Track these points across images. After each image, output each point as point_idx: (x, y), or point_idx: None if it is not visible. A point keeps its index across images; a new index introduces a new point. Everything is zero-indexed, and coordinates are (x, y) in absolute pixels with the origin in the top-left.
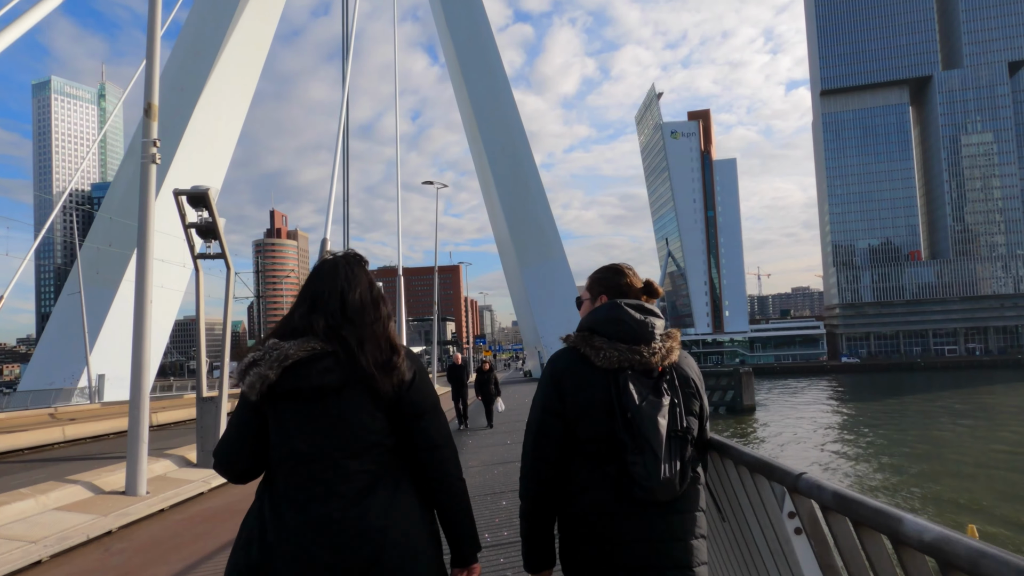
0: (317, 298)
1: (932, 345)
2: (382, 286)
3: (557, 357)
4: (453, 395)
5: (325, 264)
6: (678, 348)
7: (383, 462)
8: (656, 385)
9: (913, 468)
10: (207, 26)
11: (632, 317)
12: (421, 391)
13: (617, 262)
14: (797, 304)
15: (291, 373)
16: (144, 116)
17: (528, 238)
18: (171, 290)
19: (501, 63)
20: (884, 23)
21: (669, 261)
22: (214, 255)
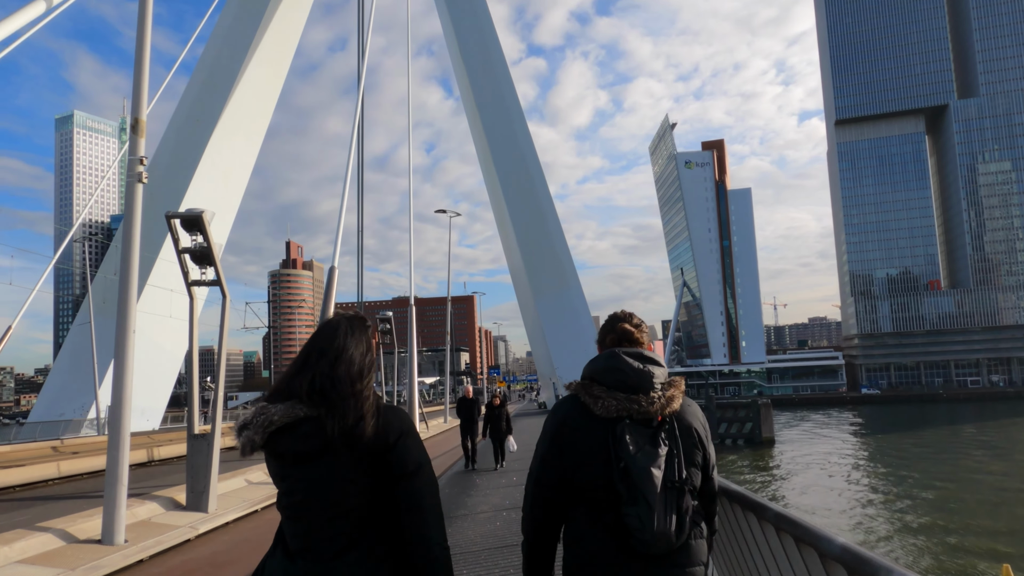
0: (309, 358)
1: (954, 376)
2: (391, 315)
3: (559, 405)
4: (462, 432)
5: (327, 325)
6: (680, 397)
7: (361, 525)
8: (654, 435)
9: (944, 506)
10: (223, 59)
11: (630, 366)
12: (406, 451)
13: (620, 310)
14: (814, 334)
15: (274, 439)
16: (131, 132)
17: (543, 268)
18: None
19: (515, 95)
20: (898, 52)
21: (684, 291)
22: (209, 282)
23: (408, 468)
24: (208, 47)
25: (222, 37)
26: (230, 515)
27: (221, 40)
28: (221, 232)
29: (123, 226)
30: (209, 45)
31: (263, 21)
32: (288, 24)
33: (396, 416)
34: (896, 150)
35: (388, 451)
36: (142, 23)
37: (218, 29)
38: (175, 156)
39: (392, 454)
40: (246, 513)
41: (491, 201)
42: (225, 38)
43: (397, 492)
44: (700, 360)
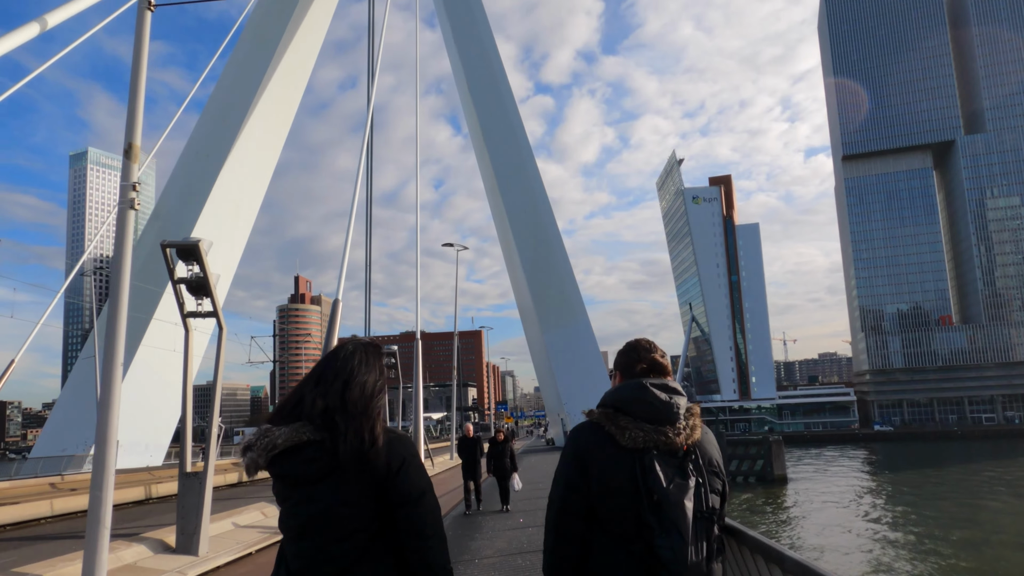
0: (322, 379)
1: (968, 413)
2: (397, 349)
3: (580, 432)
4: (464, 473)
5: (340, 348)
6: (700, 426)
7: (364, 548)
8: (682, 466)
9: (967, 548)
10: (234, 96)
11: (658, 398)
12: (408, 478)
13: (641, 338)
14: (825, 370)
15: (277, 461)
16: (124, 158)
17: (550, 302)
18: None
19: (523, 131)
20: (903, 89)
21: (693, 326)
22: (205, 314)
23: (411, 495)
24: (219, 84)
25: (233, 74)
26: (221, 559)
27: (232, 77)
28: (229, 266)
29: (114, 255)
30: (220, 82)
31: (274, 59)
32: (298, 63)
33: (400, 443)
34: (904, 185)
35: (391, 478)
36: (138, 47)
37: (230, 66)
38: (185, 190)
39: (394, 481)
40: (239, 556)
41: (499, 236)
42: (236, 75)
43: (399, 519)
44: (710, 396)
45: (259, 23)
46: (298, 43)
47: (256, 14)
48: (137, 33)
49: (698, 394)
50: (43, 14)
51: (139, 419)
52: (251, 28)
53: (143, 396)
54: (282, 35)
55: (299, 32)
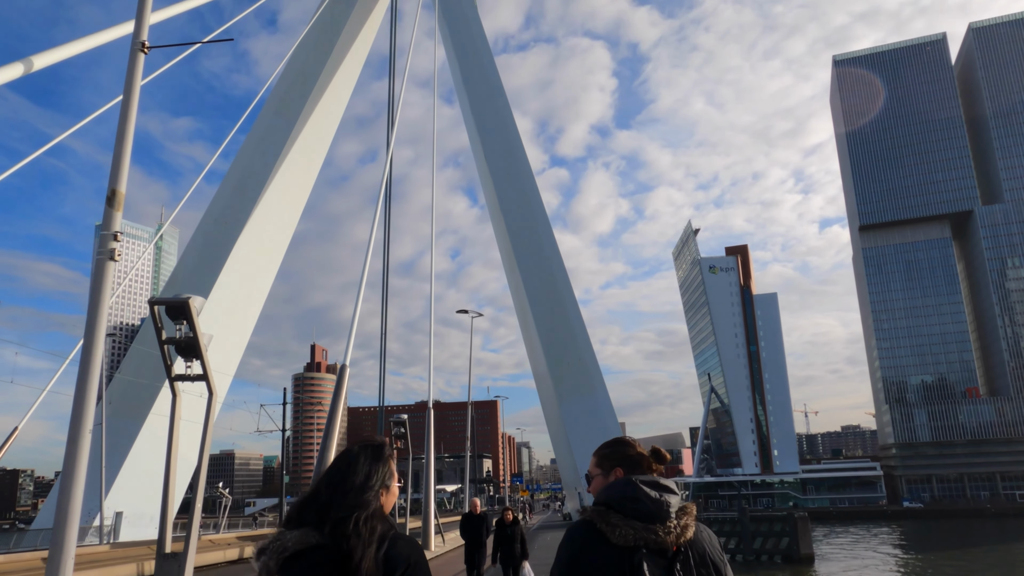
0: (319, 487)
1: (1001, 489)
2: (406, 419)
3: (574, 531)
4: (466, 556)
5: (343, 454)
6: (693, 525)
7: None
8: (670, 566)
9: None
10: (254, 165)
11: (647, 495)
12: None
13: (622, 436)
14: (848, 443)
15: (287, 566)
16: (106, 205)
17: (567, 371)
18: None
19: (539, 199)
20: (919, 160)
21: (712, 397)
22: (194, 377)
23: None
24: (240, 153)
25: (254, 145)
26: None
27: (253, 147)
28: (243, 333)
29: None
30: (241, 152)
31: (294, 132)
32: (318, 135)
33: (406, 546)
34: (923, 255)
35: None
36: (129, 88)
37: (250, 137)
38: (202, 257)
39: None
40: None
41: (515, 304)
42: (257, 146)
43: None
44: (731, 469)
45: (281, 96)
46: (318, 117)
47: (279, 88)
48: (128, 75)
49: (719, 467)
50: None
51: (146, 489)
52: (273, 101)
53: (151, 465)
54: (303, 109)
55: (319, 106)
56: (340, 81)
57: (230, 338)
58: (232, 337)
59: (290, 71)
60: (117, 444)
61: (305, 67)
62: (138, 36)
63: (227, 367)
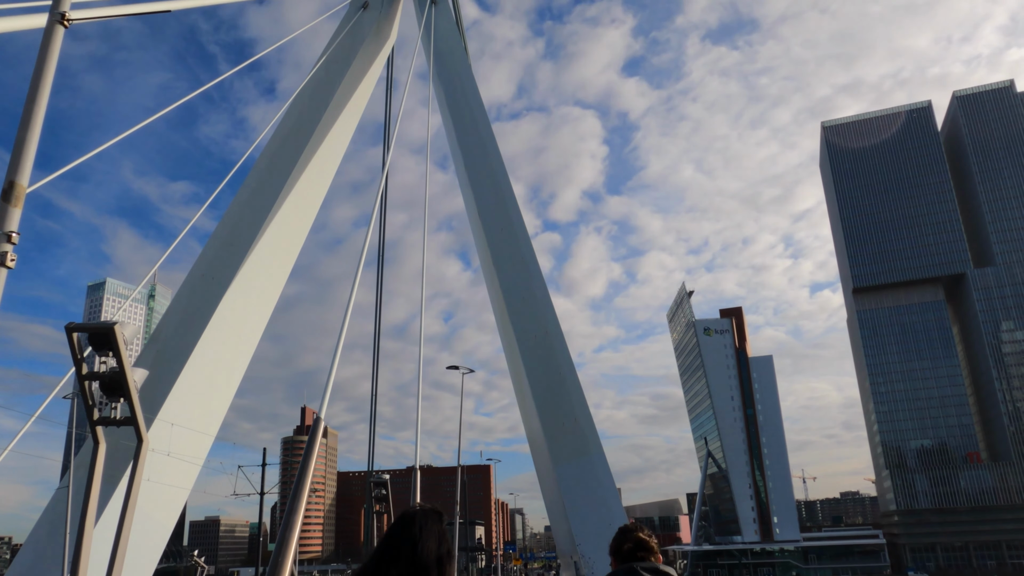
0: (391, 547)
1: (1008, 558)
2: (388, 479)
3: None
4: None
5: (405, 515)
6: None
7: None
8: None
9: None
10: (243, 221)
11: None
12: None
13: (629, 522)
14: (848, 510)
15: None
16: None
17: (562, 432)
18: (176, 487)
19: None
20: (909, 223)
21: (709, 462)
22: (121, 420)
23: None
24: (229, 210)
25: (244, 201)
26: None
27: (243, 204)
28: (227, 393)
29: None
30: (231, 208)
31: (284, 189)
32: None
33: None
34: (918, 318)
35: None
36: (41, 63)
37: (241, 194)
38: (186, 313)
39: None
40: None
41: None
42: (247, 203)
43: None
44: (729, 536)
45: (273, 154)
46: (311, 175)
47: (271, 145)
48: (42, 49)
49: (717, 535)
50: None
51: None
52: (264, 158)
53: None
54: (295, 166)
55: (312, 164)
56: (334, 140)
57: (213, 398)
58: (215, 397)
59: (283, 129)
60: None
61: (298, 125)
62: (58, 6)
63: (209, 427)
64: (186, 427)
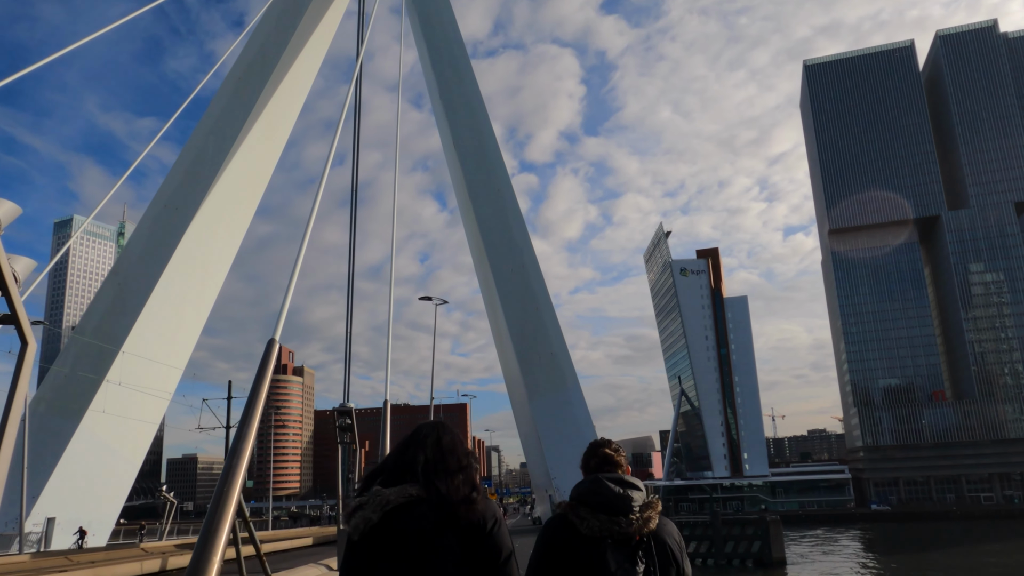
0: (412, 444)
1: (966, 492)
2: (353, 407)
3: (548, 524)
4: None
5: (424, 424)
6: (656, 517)
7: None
8: (632, 554)
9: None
10: (208, 148)
11: (611, 490)
12: (501, 537)
13: (599, 438)
14: (815, 447)
15: (391, 517)
16: None
17: (538, 367)
18: (142, 422)
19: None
20: (886, 165)
21: (683, 401)
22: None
23: (502, 555)
24: (193, 137)
25: (208, 129)
26: None
27: (207, 131)
28: (195, 327)
29: None
30: (195, 135)
31: (251, 116)
32: (277, 122)
33: (494, 505)
34: (891, 260)
35: (486, 536)
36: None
37: (205, 121)
38: (149, 245)
39: (489, 540)
40: None
41: (485, 299)
42: (212, 130)
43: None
44: (701, 472)
45: (238, 79)
46: (278, 102)
47: (235, 71)
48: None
49: (688, 471)
50: None
51: (84, 494)
52: (229, 84)
53: (90, 467)
54: (261, 92)
55: (279, 91)
56: (301, 68)
57: (180, 331)
58: (183, 330)
59: (247, 56)
60: (50, 445)
61: (263, 52)
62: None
63: (177, 361)
64: (153, 360)
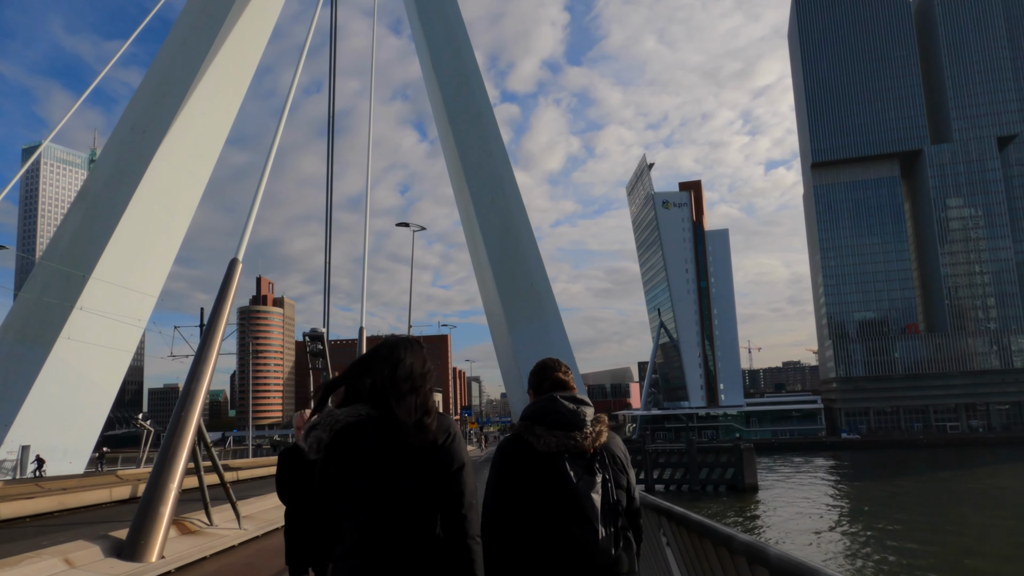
0: (372, 362)
1: (933, 421)
2: (324, 332)
3: (505, 444)
4: (287, 539)
5: (388, 340)
6: (606, 431)
7: (418, 519)
8: (589, 465)
9: (925, 559)
10: (177, 66)
11: (566, 408)
12: (451, 452)
13: (548, 358)
14: (789, 378)
15: (341, 436)
16: None
17: (518, 297)
18: (116, 350)
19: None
20: (872, 97)
21: (662, 332)
22: None
23: (456, 466)
24: (161, 55)
25: (177, 46)
26: None
27: (176, 48)
28: (167, 255)
29: None
30: (162, 53)
31: (221, 32)
32: (248, 38)
33: (447, 419)
34: (872, 194)
35: (440, 450)
36: None
37: (173, 38)
38: (116, 169)
39: (442, 453)
40: None
41: (465, 230)
42: (181, 47)
43: (444, 489)
44: (677, 403)
45: None
46: (250, 16)
47: None
48: None
49: (665, 401)
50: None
51: (58, 421)
52: None
53: (62, 395)
54: (230, 9)
55: (248, 8)
56: None
57: (153, 257)
58: (155, 256)
59: None
60: (22, 373)
61: None
62: None
63: (150, 288)
64: (124, 287)
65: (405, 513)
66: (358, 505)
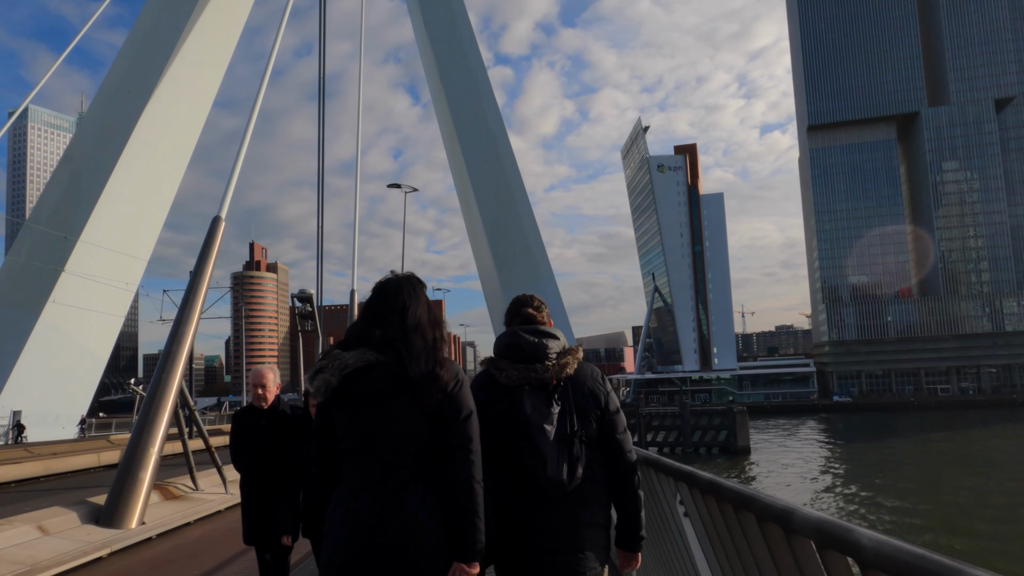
0: (379, 311)
1: (924, 384)
2: (312, 294)
3: (474, 379)
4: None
5: (390, 283)
6: (575, 364)
7: (422, 462)
8: (548, 397)
9: (920, 519)
10: (161, 25)
11: (527, 340)
12: (458, 399)
13: (522, 294)
14: (782, 342)
15: (349, 380)
16: None
17: (513, 258)
18: (107, 315)
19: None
20: (870, 59)
21: (656, 297)
22: None
23: (461, 414)
24: (144, 12)
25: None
26: None
27: (159, 6)
28: (156, 218)
29: None
30: (146, 10)
31: None
32: None
33: (455, 366)
34: (868, 157)
35: (448, 397)
36: None
37: None
38: (102, 129)
39: (450, 399)
40: None
41: (458, 192)
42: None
43: (449, 434)
44: (671, 367)
45: None
46: None
47: None
48: None
49: (660, 364)
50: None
51: (49, 385)
52: None
53: (53, 359)
54: None
55: None
56: None
57: (142, 220)
58: (144, 219)
59: None
60: (11, 337)
61: None
62: None
63: (140, 251)
64: (113, 250)
65: (410, 458)
66: (362, 450)
